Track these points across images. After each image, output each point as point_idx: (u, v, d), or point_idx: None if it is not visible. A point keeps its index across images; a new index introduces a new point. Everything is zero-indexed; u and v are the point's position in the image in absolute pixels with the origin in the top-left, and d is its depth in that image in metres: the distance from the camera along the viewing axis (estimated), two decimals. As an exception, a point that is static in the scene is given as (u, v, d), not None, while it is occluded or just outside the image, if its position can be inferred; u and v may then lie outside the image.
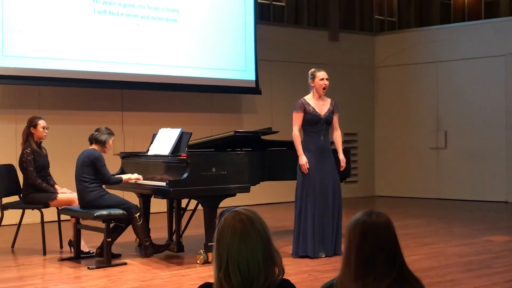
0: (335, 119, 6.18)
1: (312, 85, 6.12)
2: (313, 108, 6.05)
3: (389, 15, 13.17)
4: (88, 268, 5.62)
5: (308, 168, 5.94)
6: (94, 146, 6.00)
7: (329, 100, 6.19)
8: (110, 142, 6.06)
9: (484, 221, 8.58)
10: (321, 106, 6.11)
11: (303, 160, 5.95)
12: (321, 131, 6.06)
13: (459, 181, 11.33)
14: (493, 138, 10.98)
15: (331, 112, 6.12)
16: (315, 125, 6.04)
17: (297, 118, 6.04)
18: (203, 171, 5.68)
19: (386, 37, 12.55)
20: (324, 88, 6.10)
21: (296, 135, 6.02)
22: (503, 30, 11.01)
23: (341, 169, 6.21)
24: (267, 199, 10.47)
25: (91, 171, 5.88)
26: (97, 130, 6.08)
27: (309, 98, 6.12)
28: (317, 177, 5.98)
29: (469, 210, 10.04)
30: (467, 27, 11.58)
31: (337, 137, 6.25)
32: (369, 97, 12.43)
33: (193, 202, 6.40)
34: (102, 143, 6.00)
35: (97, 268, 5.62)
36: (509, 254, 6.17)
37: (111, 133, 6.09)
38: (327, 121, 6.09)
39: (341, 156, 6.20)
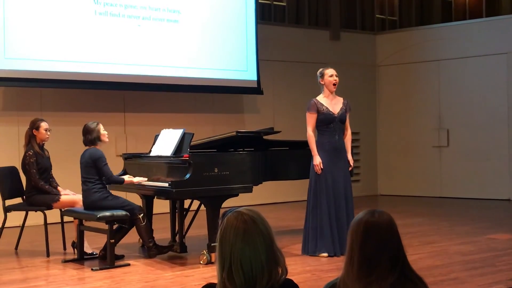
0: (347, 118, 6.20)
1: (322, 83, 6.14)
2: (327, 108, 6.07)
3: (390, 14, 13.17)
4: (92, 269, 5.63)
5: (321, 168, 5.97)
6: (93, 146, 6.00)
7: (341, 99, 6.22)
8: (101, 131, 6.00)
9: (487, 219, 8.57)
10: (334, 105, 6.13)
11: (317, 160, 5.97)
12: (335, 130, 6.08)
13: (461, 179, 11.32)
14: (496, 136, 10.97)
15: (344, 111, 6.15)
16: (329, 124, 6.06)
17: (311, 119, 6.06)
18: (205, 172, 5.68)
19: (387, 36, 12.54)
20: (334, 84, 6.11)
21: (311, 135, 6.04)
22: (504, 28, 10.99)
23: (349, 169, 6.23)
24: (270, 199, 10.46)
25: (95, 172, 5.88)
26: (85, 132, 5.99)
27: (321, 98, 6.14)
28: (330, 176, 6.01)
29: (471, 208, 10.04)
30: (468, 26, 11.57)
31: (347, 136, 6.26)
32: (371, 96, 12.42)
33: (196, 203, 6.40)
34: (97, 139, 5.98)
35: (100, 269, 5.63)
36: (512, 252, 6.17)
37: (97, 124, 6.03)
38: (341, 120, 6.12)
39: (350, 157, 6.21)
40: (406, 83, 12.08)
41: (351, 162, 6.23)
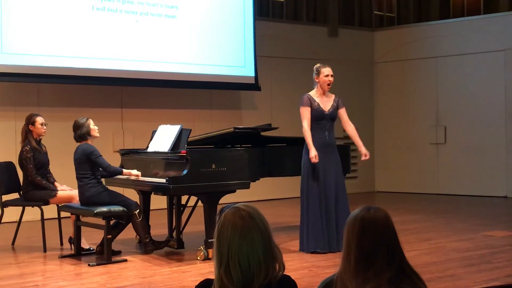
0: (343, 113, 6.20)
1: (317, 80, 6.14)
2: (318, 104, 6.08)
3: (388, 10, 13.16)
4: (89, 265, 5.62)
5: (313, 163, 5.96)
6: (83, 142, 5.96)
7: (333, 96, 6.21)
8: (91, 126, 5.95)
9: (484, 216, 8.59)
10: (325, 102, 6.13)
11: (312, 153, 5.93)
12: (325, 127, 6.08)
13: (458, 176, 11.33)
14: (493, 133, 10.98)
15: (335, 109, 6.14)
16: (320, 121, 6.06)
17: (306, 113, 6.04)
18: (202, 168, 5.68)
19: (385, 32, 12.54)
20: (328, 84, 6.11)
21: (306, 130, 6.01)
22: (502, 25, 11.00)
23: (365, 158, 6.11)
24: (267, 195, 10.47)
25: (88, 167, 5.86)
26: (75, 128, 5.94)
27: (314, 94, 6.14)
28: (321, 173, 6.01)
29: (468, 205, 10.05)
30: (466, 22, 11.57)
31: (352, 131, 6.22)
32: (369, 92, 12.42)
33: (193, 199, 6.40)
34: (87, 135, 5.93)
35: (97, 265, 5.62)
36: (509, 249, 6.18)
37: (86, 120, 5.96)
38: (331, 117, 6.12)
39: (363, 150, 6.12)
40: (404, 80, 12.08)
41: (366, 155, 6.12)
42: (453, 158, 11.44)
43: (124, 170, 6.08)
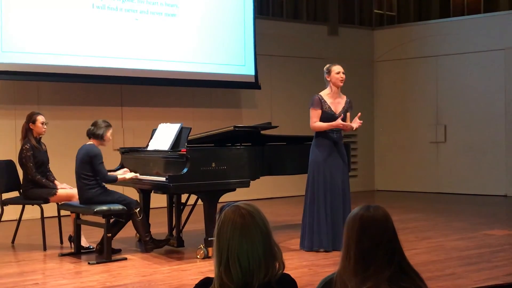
0: (348, 117, 6.19)
1: (328, 79, 6.12)
2: (329, 106, 6.06)
3: (389, 9, 13.16)
4: (89, 263, 5.63)
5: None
6: (92, 141, 5.95)
7: (344, 98, 6.20)
8: (108, 135, 5.98)
9: (484, 215, 8.59)
10: (336, 104, 6.12)
11: (338, 122, 5.90)
12: (334, 128, 6.07)
13: (458, 175, 11.34)
14: (493, 132, 10.98)
15: (345, 111, 6.14)
16: (329, 122, 6.04)
17: (315, 114, 6.02)
18: (202, 166, 5.68)
19: (385, 31, 12.54)
20: (341, 81, 6.08)
21: (316, 125, 5.98)
22: (502, 24, 11.00)
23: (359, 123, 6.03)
24: (267, 194, 10.47)
25: (90, 168, 5.85)
26: (94, 124, 6.00)
27: (325, 95, 6.12)
28: (328, 171, 6.02)
29: (468, 204, 10.05)
30: (466, 21, 11.57)
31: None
32: (369, 91, 12.42)
33: (193, 197, 6.40)
34: (100, 137, 5.94)
35: (97, 263, 5.63)
36: (509, 248, 6.18)
37: (108, 125, 6.01)
38: (342, 120, 6.09)
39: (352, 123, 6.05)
40: (404, 78, 12.08)
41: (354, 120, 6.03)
42: (453, 157, 11.44)
43: (119, 177, 6.04)
